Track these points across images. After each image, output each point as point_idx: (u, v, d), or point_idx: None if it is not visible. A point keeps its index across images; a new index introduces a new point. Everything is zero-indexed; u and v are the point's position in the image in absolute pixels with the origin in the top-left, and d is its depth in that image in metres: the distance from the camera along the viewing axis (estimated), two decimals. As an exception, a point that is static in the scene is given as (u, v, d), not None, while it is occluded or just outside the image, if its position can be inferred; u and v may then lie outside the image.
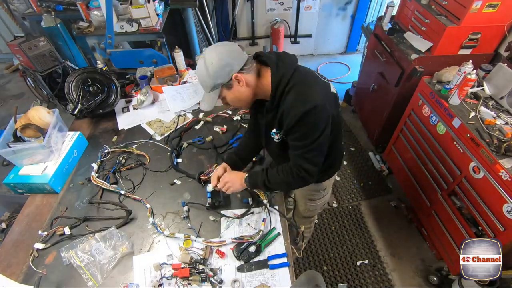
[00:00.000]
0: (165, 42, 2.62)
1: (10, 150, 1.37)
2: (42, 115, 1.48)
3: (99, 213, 1.31)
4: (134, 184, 1.41)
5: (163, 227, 1.23)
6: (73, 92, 1.69)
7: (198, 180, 1.37)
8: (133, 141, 1.63)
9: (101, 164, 1.51)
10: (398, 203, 2.44)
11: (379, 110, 2.54)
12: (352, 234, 2.28)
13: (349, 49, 4.37)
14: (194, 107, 1.84)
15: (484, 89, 1.76)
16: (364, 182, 2.63)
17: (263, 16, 3.90)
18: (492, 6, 1.75)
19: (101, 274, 1.10)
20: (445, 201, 1.83)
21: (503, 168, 1.39)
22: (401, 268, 2.08)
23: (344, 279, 2.03)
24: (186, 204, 1.30)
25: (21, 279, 1.11)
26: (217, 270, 1.09)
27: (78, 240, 1.19)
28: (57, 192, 1.41)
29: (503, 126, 1.53)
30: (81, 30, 2.54)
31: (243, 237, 1.17)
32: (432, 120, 1.89)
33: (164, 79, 1.94)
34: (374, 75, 2.58)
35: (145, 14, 2.40)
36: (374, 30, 2.58)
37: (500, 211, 1.44)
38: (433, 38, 2.01)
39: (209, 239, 1.18)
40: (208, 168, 1.41)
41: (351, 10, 3.95)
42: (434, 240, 2.03)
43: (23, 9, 2.80)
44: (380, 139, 2.68)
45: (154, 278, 1.08)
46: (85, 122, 1.80)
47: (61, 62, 2.32)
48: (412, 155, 2.14)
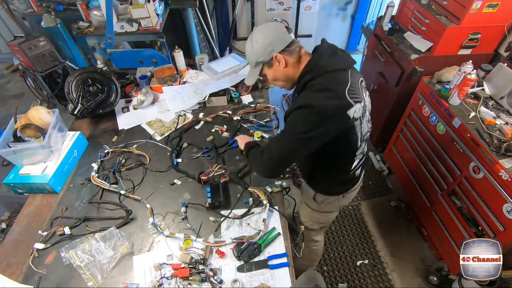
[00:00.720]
0: (165, 42, 2.62)
1: (10, 150, 1.37)
2: (42, 115, 1.48)
3: (99, 213, 1.31)
4: (134, 184, 1.41)
5: (163, 227, 1.23)
6: (73, 92, 1.68)
7: (198, 180, 1.36)
8: (133, 141, 1.63)
9: (101, 164, 1.51)
10: (398, 203, 2.43)
11: (379, 110, 2.54)
12: (352, 234, 2.28)
13: (349, 49, 4.37)
14: (194, 107, 1.83)
15: (484, 89, 1.76)
16: (364, 182, 2.61)
17: (263, 16, 3.90)
18: (492, 6, 1.75)
19: (101, 274, 1.10)
20: (445, 201, 1.83)
21: (503, 168, 1.39)
22: (401, 268, 2.08)
23: (344, 279, 2.03)
24: (186, 205, 1.30)
25: (21, 279, 1.11)
26: (217, 270, 1.09)
27: (78, 240, 1.19)
28: (57, 192, 1.40)
29: (503, 126, 1.53)
30: (81, 30, 2.54)
31: (243, 237, 1.17)
32: (432, 120, 1.89)
33: (164, 79, 1.94)
34: (374, 75, 2.58)
35: (145, 14, 2.40)
36: (374, 30, 2.58)
37: (500, 211, 1.44)
38: (433, 38, 2.01)
39: (209, 239, 1.18)
40: (209, 168, 1.41)
41: (351, 10, 3.94)
42: (434, 240, 2.03)
43: (23, 9, 2.80)
44: (380, 139, 2.68)
45: (154, 278, 1.08)
46: (85, 122, 1.80)
47: (61, 62, 2.32)
48: (412, 155, 2.14)
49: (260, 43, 1.02)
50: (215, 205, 1.27)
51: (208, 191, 1.29)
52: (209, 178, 1.36)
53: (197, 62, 2.10)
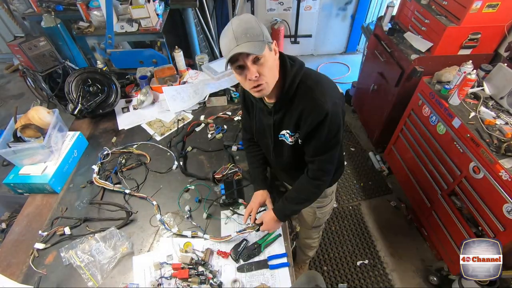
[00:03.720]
0: (165, 42, 2.62)
1: (10, 150, 1.37)
2: (42, 115, 1.48)
3: (100, 213, 1.31)
4: (138, 183, 1.41)
5: (172, 223, 1.24)
6: (73, 92, 1.69)
7: (213, 179, 1.37)
8: (133, 142, 1.63)
9: (102, 166, 1.51)
10: (398, 203, 2.44)
11: (379, 110, 2.54)
12: (352, 234, 2.28)
13: (349, 49, 4.37)
14: (194, 107, 1.83)
15: (484, 89, 1.76)
16: (364, 182, 2.63)
17: (263, 16, 3.90)
18: (492, 6, 1.75)
19: (101, 274, 1.10)
20: (445, 201, 1.83)
21: (503, 168, 1.39)
22: (401, 268, 2.08)
23: (344, 279, 2.03)
24: (199, 200, 1.32)
25: (21, 279, 1.11)
26: (216, 272, 1.09)
27: (78, 240, 1.19)
28: (57, 192, 1.41)
29: (503, 126, 1.53)
30: (81, 30, 2.54)
31: (245, 228, 1.18)
32: (432, 120, 1.88)
33: (164, 79, 1.94)
34: (374, 75, 2.58)
35: (145, 14, 2.40)
36: (374, 30, 2.58)
37: (500, 211, 1.44)
38: (433, 38, 2.01)
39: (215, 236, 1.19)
40: (222, 167, 1.42)
41: (351, 10, 3.95)
42: (434, 240, 2.03)
43: (23, 9, 2.80)
44: (380, 139, 2.68)
45: (153, 278, 1.08)
46: (85, 122, 1.80)
47: (61, 62, 2.32)
48: (412, 155, 2.14)
49: (260, 21, 0.85)
50: (229, 202, 1.29)
51: (222, 188, 1.31)
52: (223, 176, 1.38)
53: (197, 62, 2.10)
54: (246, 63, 0.83)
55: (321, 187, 1.10)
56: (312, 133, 0.96)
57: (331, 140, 0.96)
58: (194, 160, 1.54)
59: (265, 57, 0.84)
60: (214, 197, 1.33)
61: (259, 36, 0.82)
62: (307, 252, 1.81)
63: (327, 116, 0.90)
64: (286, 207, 1.13)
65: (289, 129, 1.01)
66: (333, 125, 0.93)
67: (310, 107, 0.91)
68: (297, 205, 1.14)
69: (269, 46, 0.85)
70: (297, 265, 1.99)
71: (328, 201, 1.39)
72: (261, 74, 0.86)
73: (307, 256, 1.86)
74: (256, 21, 0.84)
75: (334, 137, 0.96)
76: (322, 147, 0.98)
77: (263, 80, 0.87)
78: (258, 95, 0.93)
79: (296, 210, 1.16)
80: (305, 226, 1.57)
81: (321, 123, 0.91)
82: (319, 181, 1.06)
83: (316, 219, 1.45)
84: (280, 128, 1.04)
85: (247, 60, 0.83)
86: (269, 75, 0.88)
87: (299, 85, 0.93)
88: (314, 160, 1.03)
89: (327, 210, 1.43)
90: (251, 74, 0.84)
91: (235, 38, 0.80)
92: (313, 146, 0.99)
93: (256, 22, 0.83)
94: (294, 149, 1.06)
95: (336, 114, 0.92)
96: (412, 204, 2.27)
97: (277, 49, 0.90)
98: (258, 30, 0.82)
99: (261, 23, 0.85)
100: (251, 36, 0.81)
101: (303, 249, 1.81)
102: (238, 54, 0.81)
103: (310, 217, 1.45)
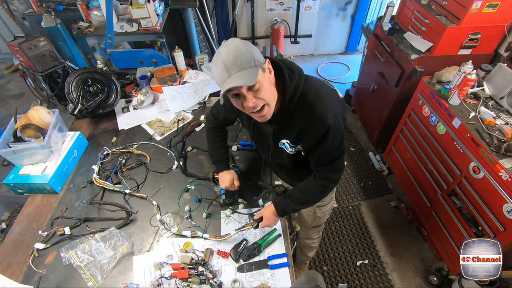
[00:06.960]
0: (165, 42, 2.62)
1: (10, 150, 1.37)
2: (42, 115, 1.48)
3: (100, 213, 1.31)
4: (138, 183, 1.41)
5: (171, 224, 1.24)
6: (73, 92, 1.69)
7: (213, 179, 1.38)
8: (133, 142, 1.63)
9: (102, 166, 1.51)
10: (398, 203, 2.44)
11: (379, 110, 2.54)
12: (352, 234, 2.28)
13: (349, 49, 4.37)
14: (194, 107, 1.83)
15: (484, 89, 1.76)
16: (364, 182, 2.63)
17: (263, 16, 3.90)
18: (492, 6, 1.75)
19: (101, 274, 1.10)
20: (445, 201, 1.83)
21: (503, 168, 1.39)
22: (401, 268, 2.08)
23: (344, 279, 2.03)
24: (199, 200, 1.32)
25: (21, 279, 1.11)
26: (216, 272, 1.09)
27: (78, 240, 1.19)
28: (57, 192, 1.41)
29: (503, 126, 1.53)
30: (81, 30, 2.54)
31: (244, 226, 1.18)
32: (432, 120, 1.88)
33: (164, 79, 1.94)
34: (374, 75, 2.58)
35: (145, 14, 2.40)
36: (374, 30, 2.58)
37: (500, 211, 1.44)
38: (433, 38, 2.01)
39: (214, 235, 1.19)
40: None
41: (351, 10, 3.95)
42: (434, 240, 2.03)
43: (23, 9, 2.80)
44: (380, 139, 2.68)
45: (153, 278, 1.08)
46: (85, 122, 1.80)
47: (61, 62, 2.32)
48: (412, 155, 2.14)
49: (248, 44, 0.83)
50: (230, 202, 1.29)
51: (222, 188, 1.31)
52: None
53: (197, 62, 2.10)
54: (241, 92, 0.82)
55: (326, 192, 1.12)
56: (315, 147, 0.96)
57: (335, 150, 0.97)
58: (194, 160, 1.54)
59: (260, 82, 0.82)
60: (213, 197, 1.33)
61: (250, 61, 0.80)
62: (307, 253, 1.81)
63: (330, 129, 0.90)
64: (288, 204, 1.13)
65: (289, 139, 1.01)
66: (336, 136, 0.93)
67: (311, 123, 0.91)
68: (299, 205, 1.15)
69: (262, 68, 0.83)
70: (297, 266, 2.00)
71: (328, 201, 1.39)
72: (258, 98, 0.85)
73: (307, 257, 1.86)
74: (245, 45, 0.81)
75: (338, 147, 0.96)
76: (327, 157, 0.98)
77: (262, 103, 0.86)
78: (261, 120, 0.92)
79: (297, 209, 1.18)
80: (305, 226, 1.57)
81: (323, 137, 0.91)
82: (325, 187, 1.07)
83: (316, 219, 1.45)
84: (280, 137, 1.04)
85: (241, 89, 0.82)
86: (267, 96, 0.86)
87: (299, 99, 0.92)
88: (319, 170, 1.04)
89: (327, 210, 1.43)
90: (248, 102, 0.83)
91: (226, 69, 0.79)
92: (317, 157, 1.00)
93: (245, 46, 0.81)
94: (294, 156, 1.07)
95: (338, 125, 0.92)
96: (412, 204, 2.27)
97: (270, 67, 0.88)
98: (248, 56, 0.80)
99: (250, 45, 0.83)
100: (242, 64, 0.79)
101: (303, 249, 1.81)
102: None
103: (310, 216, 1.45)
